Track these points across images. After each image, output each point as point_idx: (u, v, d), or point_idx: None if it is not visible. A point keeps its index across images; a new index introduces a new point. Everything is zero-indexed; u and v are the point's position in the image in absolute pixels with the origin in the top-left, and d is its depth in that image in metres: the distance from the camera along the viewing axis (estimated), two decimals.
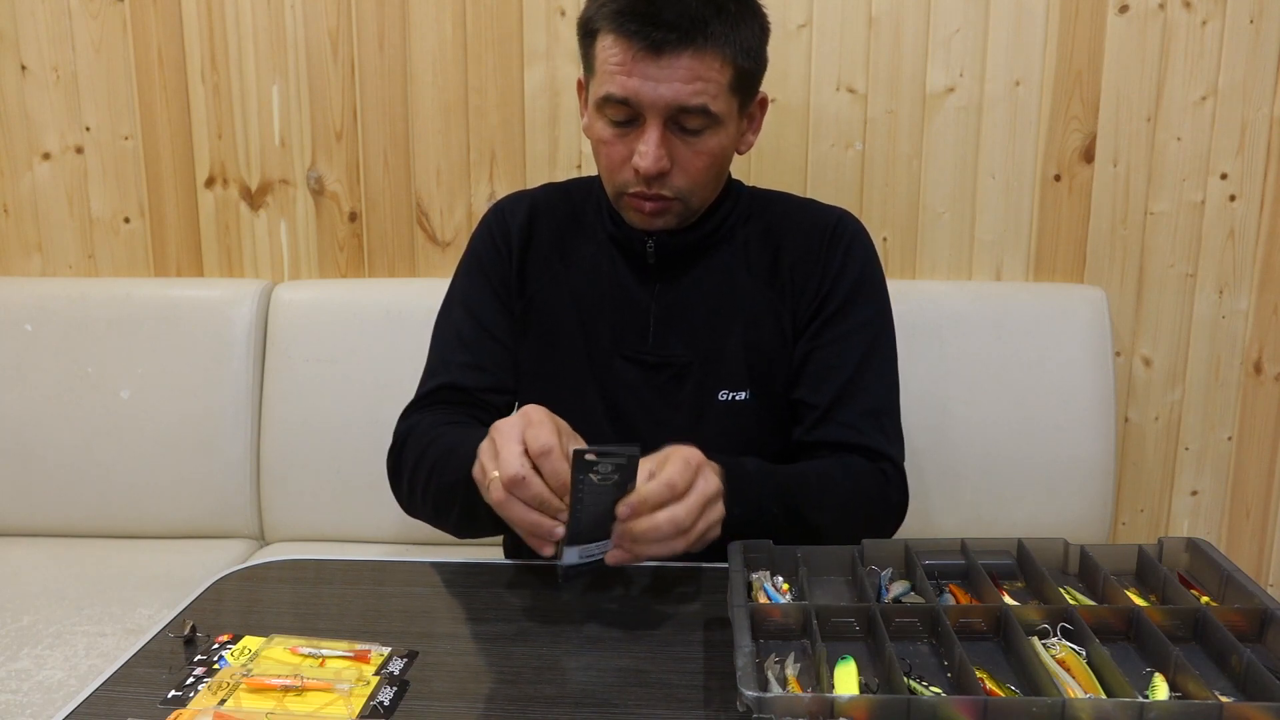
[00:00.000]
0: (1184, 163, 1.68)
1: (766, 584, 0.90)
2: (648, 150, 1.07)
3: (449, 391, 1.20)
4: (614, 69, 1.06)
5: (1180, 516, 1.81)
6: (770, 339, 1.20)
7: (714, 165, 1.12)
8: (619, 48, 1.05)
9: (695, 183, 1.12)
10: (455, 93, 1.73)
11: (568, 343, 1.21)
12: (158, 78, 1.75)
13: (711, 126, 1.09)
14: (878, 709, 0.69)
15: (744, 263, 1.21)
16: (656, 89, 1.04)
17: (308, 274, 1.81)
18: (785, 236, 1.22)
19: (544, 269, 1.23)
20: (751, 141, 1.20)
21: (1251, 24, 1.62)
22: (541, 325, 1.22)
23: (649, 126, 1.07)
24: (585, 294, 1.21)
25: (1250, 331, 1.73)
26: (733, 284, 1.20)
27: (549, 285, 1.23)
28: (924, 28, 1.66)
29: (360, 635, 0.89)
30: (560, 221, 1.25)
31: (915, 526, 1.66)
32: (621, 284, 1.21)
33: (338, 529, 1.69)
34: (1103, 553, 0.94)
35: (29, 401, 1.70)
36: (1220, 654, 0.80)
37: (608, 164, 1.13)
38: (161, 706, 0.79)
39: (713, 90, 1.06)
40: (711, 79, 1.06)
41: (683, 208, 1.13)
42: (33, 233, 1.82)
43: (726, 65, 1.07)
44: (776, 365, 1.20)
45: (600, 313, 1.21)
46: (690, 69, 1.04)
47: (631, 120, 1.08)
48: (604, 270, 1.22)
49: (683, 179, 1.11)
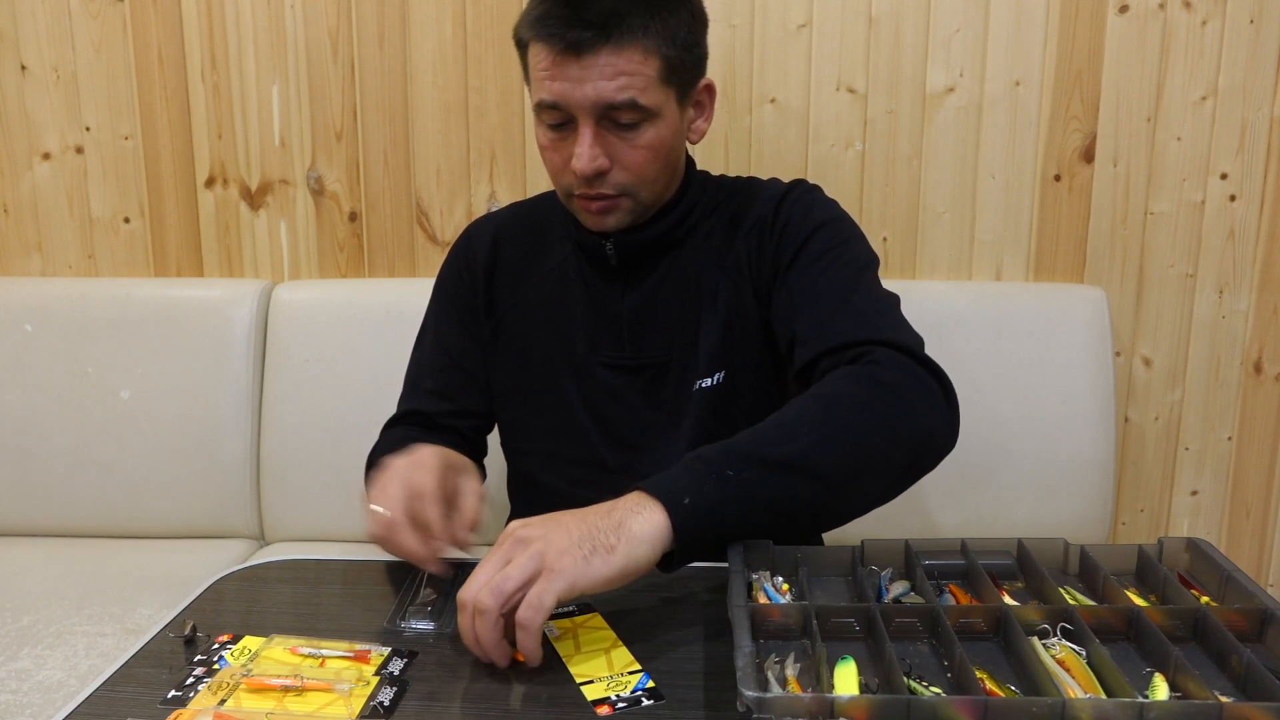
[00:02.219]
0: (1184, 163, 1.68)
1: (766, 584, 0.90)
2: (581, 151, 1.07)
3: (416, 416, 1.26)
4: (542, 75, 1.06)
5: (1180, 516, 1.81)
6: (738, 318, 1.17)
7: (656, 158, 1.10)
8: (543, 53, 1.06)
9: (639, 177, 1.10)
10: (455, 93, 1.73)
11: (543, 355, 1.22)
12: (158, 78, 1.75)
13: (646, 120, 1.08)
14: (878, 709, 0.69)
15: (709, 254, 1.19)
16: (581, 89, 1.04)
17: (308, 274, 1.81)
18: (743, 217, 1.20)
19: (512, 287, 1.24)
20: (703, 129, 1.18)
21: (1251, 24, 1.62)
22: (515, 341, 1.23)
23: (581, 128, 1.07)
24: (556, 305, 1.21)
25: (1250, 331, 1.73)
26: (698, 277, 1.18)
27: (519, 302, 1.23)
28: (924, 28, 1.66)
29: (360, 635, 0.89)
30: (525, 238, 1.26)
31: (915, 526, 1.67)
32: (590, 290, 1.20)
33: (338, 529, 1.69)
34: (1103, 553, 0.94)
35: (29, 401, 1.70)
36: (1220, 654, 0.80)
37: (552, 169, 1.13)
38: (161, 706, 0.79)
39: (639, 84, 1.05)
40: (636, 72, 1.05)
41: (632, 203, 1.12)
42: (33, 233, 1.82)
43: (651, 56, 1.06)
44: (748, 342, 1.17)
45: (572, 321, 1.21)
46: (611, 65, 1.04)
47: (567, 123, 1.08)
48: (572, 279, 1.21)
49: (623, 175, 1.10)
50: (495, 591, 0.80)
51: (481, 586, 0.81)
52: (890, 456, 0.95)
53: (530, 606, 0.79)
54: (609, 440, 1.21)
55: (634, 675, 0.83)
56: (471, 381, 1.26)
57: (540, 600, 0.79)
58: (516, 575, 0.80)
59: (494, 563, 0.83)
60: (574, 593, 0.81)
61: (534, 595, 0.79)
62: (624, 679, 0.83)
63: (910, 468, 0.98)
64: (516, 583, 0.80)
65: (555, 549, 0.81)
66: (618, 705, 0.79)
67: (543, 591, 0.79)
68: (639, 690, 0.81)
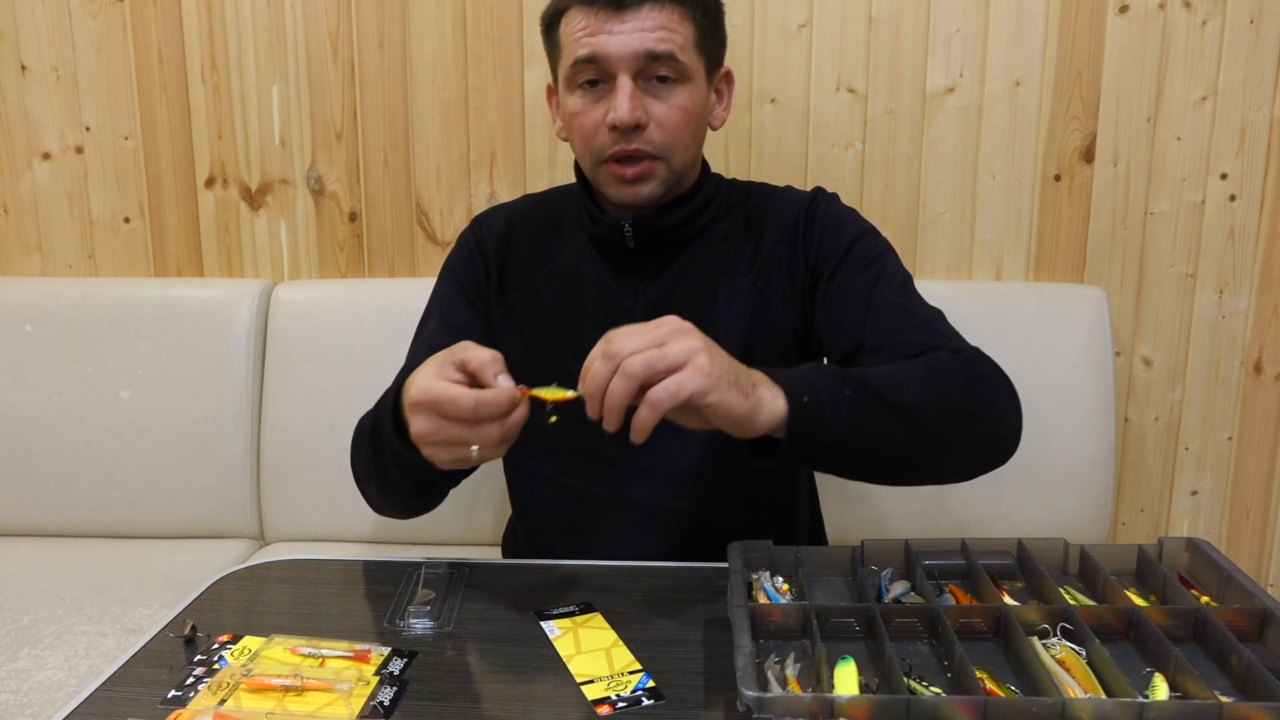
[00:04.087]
0: (1184, 163, 1.68)
1: (766, 584, 0.90)
2: (622, 101, 1.07)
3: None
4: (580, 33, 1.08)
5: (1180, 516, 1.81)
6: (762, 326, 1.16)
7: (689, 121, 1.12)
8: (581, 15, 1.08)
9: (673, 138, 1.11)
10: (455, 93, 1.73)
11: (550, 345, 1.20)
12: (158, 78, 1.75)
13: (682, 81, 1.10)
14: (878, 709, 0.69)
15: (725, 256, 1.19)
16: (623, 40, 1.07)
17: (308, 274, 1.81)
18: (765, 226, 1.20)
19: (524, 276, 1.23)
20: (723, 117, 1.20)
21: (1251, 24, 1.62)
22: (524, 331, 1.22)
23: (620, 81, 1.08)
24: (567, 298, 1.21)
25: (1250, 331, 1.73)
26: (715, 280, 1.18)
27: (529, 290, 1.22)
28: (924, 28, 1.66)
29: (360, 635, 0.89)
30: (539, 228, 1.25)
31: (915, 526, 1.67)
32: (603, 286, 1.19)
33: (338, 529, 1.69)
34: (1103, 553, 0.94)
35: (29, 401, 1.70)
36: (1220, 654, 0.80)
37: (582, 134, 1.13)
38: (161, 706, 0.79)
39: (678, 40, 1.08)
40: (675, 29, 1.08)
41: (665, 170, 1.12)
42: (33, 233, 1.82)
43: (686, 22, 1.09)
44: (769, 349, 1.16)
45: (584, 316, 1.19)
46: (652, 19, 1.07)
47: (602, 82, 1.10)
48: (585, 272, 1.21)
49: (659, 133, 1.10)
50: (647, 363, 0.81)
51: (635, 353, 0.81)
52: (976, 440, 0.96)
53: (667, 390, 0.80)
54: (617, 439, 1.18)
55: (634, 675, 0.83)
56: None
57: (679, 388, 0.80)
58: (671, 358, 0.81)
59: (649, 337, 0.83)
60: (702, 400, 0.81)
61: (675, 382, 0.81)
62: (624, 679, 0.83)
63: (986, 458, 1.00)
64: (668, 364, 0.81)
65: (710, 357, 0.82)
66: (618, 705, 0.79)
67: (684, 381, 0.81)
68: (639, 690, 0.81)
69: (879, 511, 1.65)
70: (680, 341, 0.82)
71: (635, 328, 0.84)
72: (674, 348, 0.82)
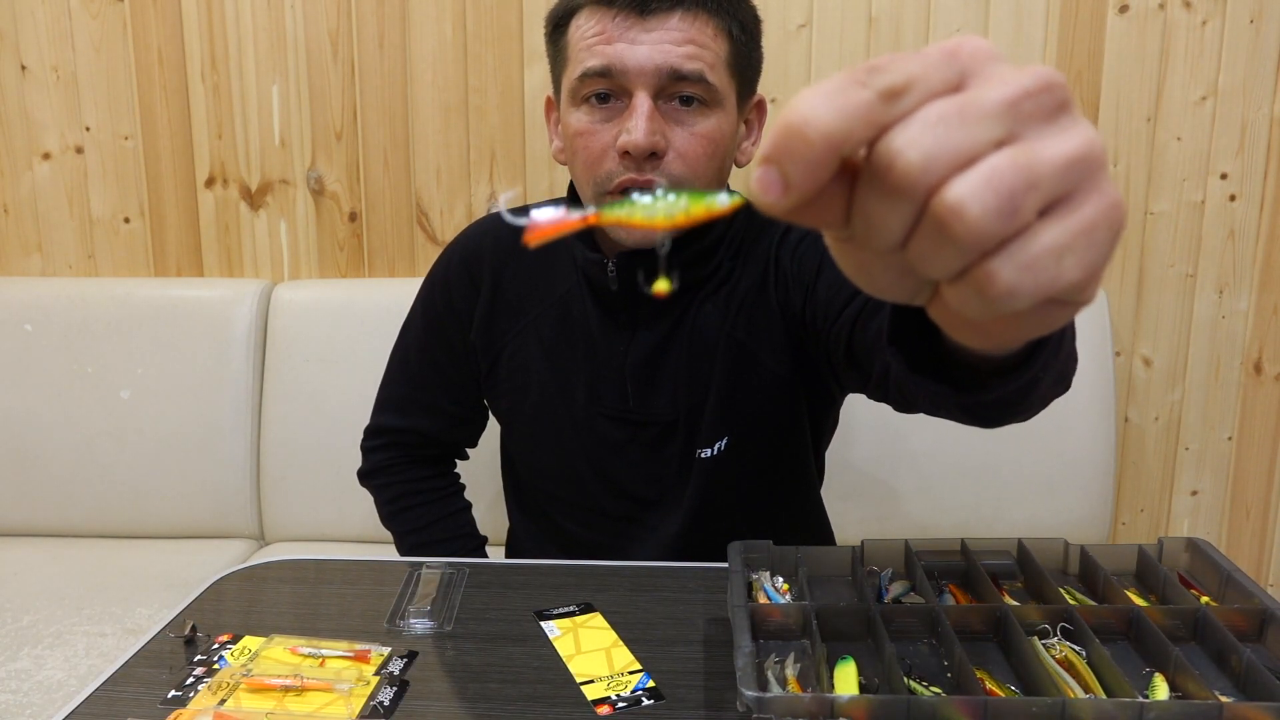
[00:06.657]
0: (1184, 163, 1.68)
1: (766, 584, 0.90)
2: (638, 123, 0.90)
3: (407, 435, 1.24)
4: (592, 39, 0.91)
5: (1180, 516, 1.81)
6: (750, 380, 1.05)
7: (714, 154, 0.94)
8: (596, 18, 0.92)
9: (693, 172, 0.93)
10: (455, 93, 1.73)
11: (541, 396, 1.11)
12: (158, 78, 1.75)
13: (710, 105, 0.93)
14: (878, 709, 0.69)
15: (718, 307, 1.05)
16: (645, 52, 0.90)
17: (307, 274, 1.81)
18: (745, 273, 1.05)
19: (513, 318, 1.12)
20: (750, 153, 1.04)
21: (1251, 24, 1.62)
22: (514, 377, 1.12)
23: (637, 100, 0.91)
24: (558, 344, 1.09)
25: (1250, 331, 1.73)
26: (704, 332, 1.04)
27: (519, 334, 1.11)
28: (924, 28, 1.66)
29: (360, 635, 0.89)
30: (529, 259, 1.10)
31: (915, 526, 1.67)
32: (595, 334, 1.07)
33: (338, 529, 1.69)
34: (1103, 553, 0.94)
35: (29, 401, 1.70)
36: (1220, 654, 0.80)
37: (587, 158, 0.95)
38: (161, 706, 0.79)
39: (709, 58, 0.92)
40: (706, 45, 0.92)
41: None
42: (33, 233, 1.82)
43: (721, 35, 0.93)
44: (760, 407, 1.06)
45: (574, 365, 1.08)
46: (682, 30, 0.90)
47: (614, 98, 0.93)
48: (576, 318, 1.08)
49: (679, 164, 0.93)
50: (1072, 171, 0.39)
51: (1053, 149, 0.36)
52: (1056, 386, 0.70)
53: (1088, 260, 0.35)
54: (611, 492, 1.12)
55: (634, 675, 0.83)
56: (452, 399, 1.20)
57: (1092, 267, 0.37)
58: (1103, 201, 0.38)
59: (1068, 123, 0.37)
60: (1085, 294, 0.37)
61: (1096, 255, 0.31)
62: (624, 679, 0.83)
63: (1042, 407, 0.73)
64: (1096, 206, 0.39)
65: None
66: (618, 705, 0.79)
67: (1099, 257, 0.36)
68: (639, 690, 0.81)
69: (879, 511, 1.65)
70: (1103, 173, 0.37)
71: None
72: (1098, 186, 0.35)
